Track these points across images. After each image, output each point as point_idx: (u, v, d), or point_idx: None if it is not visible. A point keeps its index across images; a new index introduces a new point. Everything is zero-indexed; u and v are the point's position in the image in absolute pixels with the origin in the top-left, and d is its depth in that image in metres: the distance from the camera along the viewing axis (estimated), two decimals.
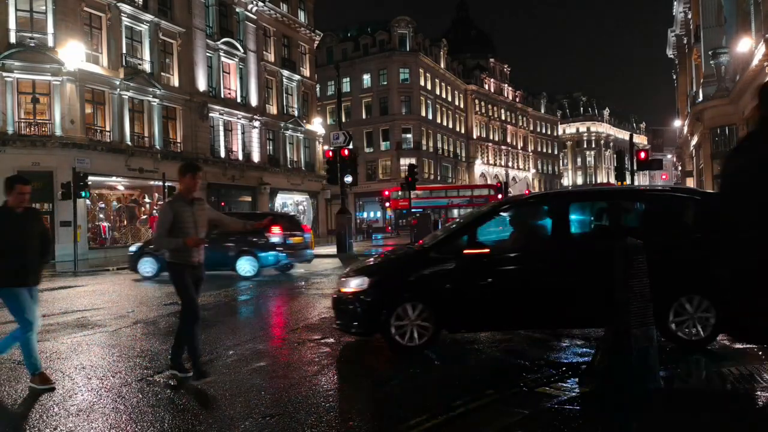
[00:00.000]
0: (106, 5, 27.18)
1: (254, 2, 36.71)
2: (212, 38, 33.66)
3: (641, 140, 79.09)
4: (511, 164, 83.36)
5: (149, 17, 29.39)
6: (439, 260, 6.06)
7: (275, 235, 14.91)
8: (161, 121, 30.12)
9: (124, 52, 28.08)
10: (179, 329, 5.27)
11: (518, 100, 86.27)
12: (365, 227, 49.37)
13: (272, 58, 39.51)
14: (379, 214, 59.33)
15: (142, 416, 4.33)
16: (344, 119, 41.19)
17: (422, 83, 61.63)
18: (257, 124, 37.07)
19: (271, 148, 39.25)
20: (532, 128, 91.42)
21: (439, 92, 65.88)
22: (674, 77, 49.99)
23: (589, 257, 5.86)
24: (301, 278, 14.72)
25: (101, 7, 27.01)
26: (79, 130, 25.44)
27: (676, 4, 39.56)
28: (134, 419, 4.27)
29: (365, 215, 59.02)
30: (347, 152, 23.97)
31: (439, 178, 63.27)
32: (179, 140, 31.56)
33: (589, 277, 5.74)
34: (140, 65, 29.04)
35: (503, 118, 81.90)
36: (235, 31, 35.76)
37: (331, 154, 24.47)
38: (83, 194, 21.13)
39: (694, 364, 5.32)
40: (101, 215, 28.22)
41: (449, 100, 69.22)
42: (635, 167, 23.47)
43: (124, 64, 27.87)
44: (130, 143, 28.14)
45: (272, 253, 14.94)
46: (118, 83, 27.34)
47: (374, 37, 61.82)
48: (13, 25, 24.30)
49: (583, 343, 6.23)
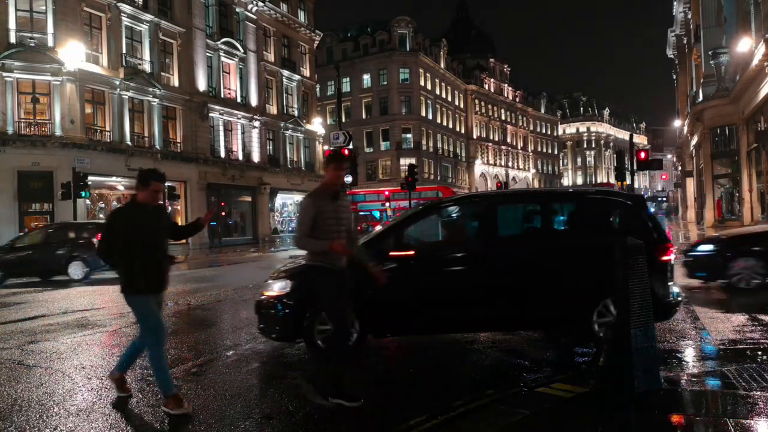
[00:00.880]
0: (106, 5, 27.19)
1: (254, 2, 36.72)
2: (212, 38, 33.68)
3: (641, 140, 79.12)
4: (511, 164, 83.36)
5: (149, 17, 29.41)
6: None
7: None
8: (161, 121, 30.14)
9: (124, 52, 28.09)
10: (331, 353, 4.58)
11: (518, 100, 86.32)
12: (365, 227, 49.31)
13: (272, 58, 39.52)
14: (378, 214, 59.25)
15: (142, 416, 4.33)
16: (344, 119, 41.24)
17: (422, 83, 61.66)
18: (257, 124, 37.08)
19: (271, 148, 39.26)
20: (532, 128, 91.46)
21: (439, 92, 65.90)
22: (674, 77, 50.02)
23: (516, 259, 5.87)
24: None
25: (101, 7, 27.03)
26: (79, 130, 25.44)
27: (676, 4, 39.57)
28: (134, 419, 4.27)
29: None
30: (347, 152, 23.94)
31: (439, 178, 63.25)
32: (179, 140, 31.58)
33: (515, 279, 5.78)
34: (140, 65, 29.05)
35: (503, 118, 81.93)
36: (235, 31, 35.77)
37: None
38: (83, 194, 21.19)
39: (694, 363, 5.32)
40: (101, 215, 28.19)
41: (449, 100, 69.23)
42: (635, 167, 23.46)
43: (124, 64, 27.89)
44: (130, 143, 28.15)
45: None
46: (118, 83, 27.35)
47: (374, 37, 61.87)
48: (13, 25, 24.32)
49: (582, 343, 6.22)
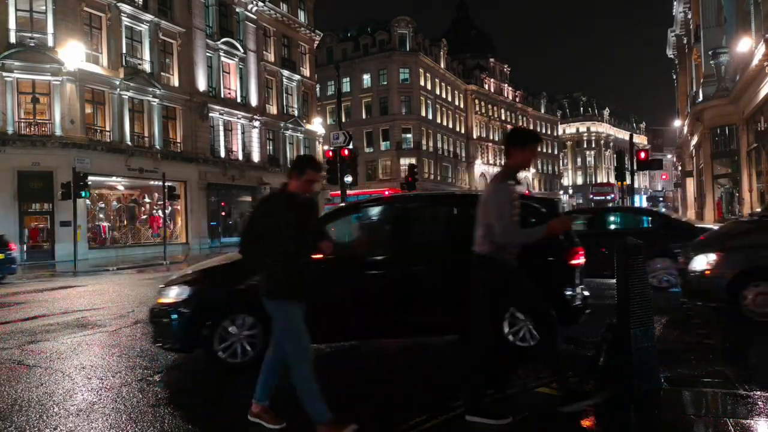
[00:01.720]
0: (106, 5, 27.17)
1: (254, 2, 36.71)
2: (212, 38, 33.67)
3: (641, 140, 79.05)
4: None
5: (149, 17, 29.39)
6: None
7: None
8: (161, 121, 30.12)
9: (124, 52, 28.08)
10: (472, 358, 4.13)
11: (518, 100, 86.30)
12: None
13: (272, 58, 39.52)
14: None
15: (142, 416, 4.33)
16: (344, 119, 41.22)
17: (422, 83, 61.65)
18: (257, 124, 37.07)
19: (271, 148, 39.26)
20: (532, 128, 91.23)
21: (439, 92, 65.88)
22: (674, 77, 50.03)
23: (423, 266, 5.74)
24: None
25: (101, 7, 27.01)
26: (79, 130, 25.43)
27: (676, 4, 39.56)
28: (134, 419, 4.27)
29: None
30: (347, 152, 23.92)
31: (439, 178, 63.27)
32: (179, 140, 31.56)
33: (424, 286, 5.66)
34: (140, 65, 29.04)
35: (503, 118, 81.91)
36: (235, 31, 35.76)
37: (331, 154, 24.42)
38: (83, 194, 21.16)
39: (694, 363, 5.32)
40: (101, 215, 28.22)
41: (449, 100, 69.22)
42: (635, 167, 23.49)
43: (124, 64, 27.88)
44: (130, 143, 28.14)
45: None
46: (118, 83, 27.34)
47: (374, 37, 61.86)
48: (13, 25, 24.30)
49: (582, 343, 6.22)
